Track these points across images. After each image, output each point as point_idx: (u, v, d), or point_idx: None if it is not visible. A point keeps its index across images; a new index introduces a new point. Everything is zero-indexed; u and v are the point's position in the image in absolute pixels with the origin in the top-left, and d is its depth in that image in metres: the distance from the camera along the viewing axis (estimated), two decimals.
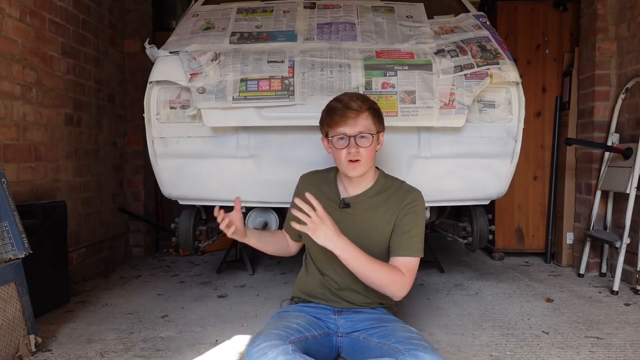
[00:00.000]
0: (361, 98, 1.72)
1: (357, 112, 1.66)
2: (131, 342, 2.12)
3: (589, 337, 2.18)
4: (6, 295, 1.92)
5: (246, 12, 2.54)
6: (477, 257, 3.91)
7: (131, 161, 3.96)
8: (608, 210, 3.25)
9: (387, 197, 1.76)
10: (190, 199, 2.43)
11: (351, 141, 1.66)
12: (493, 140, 2.29)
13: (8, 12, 2.52)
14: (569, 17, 3.70)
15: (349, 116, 1.65)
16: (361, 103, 1.68)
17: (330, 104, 1.73)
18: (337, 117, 1.67)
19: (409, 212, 1.72)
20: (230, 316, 2.48)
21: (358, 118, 1.66)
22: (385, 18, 2.50)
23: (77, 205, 3.20)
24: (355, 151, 1.66)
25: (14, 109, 2.58)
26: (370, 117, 1.69)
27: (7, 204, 2.03)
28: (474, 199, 2.43)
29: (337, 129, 1.68)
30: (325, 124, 1.73)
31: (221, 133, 2.27)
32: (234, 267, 3.49)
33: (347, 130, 1.66)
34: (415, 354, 1.43)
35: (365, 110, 1.68)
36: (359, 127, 1.66)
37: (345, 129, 1.67)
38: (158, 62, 2.28)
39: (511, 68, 2.23)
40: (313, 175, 1.89)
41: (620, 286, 2.86)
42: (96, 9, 3.46)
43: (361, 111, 1.67)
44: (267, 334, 1.50)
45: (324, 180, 1.84)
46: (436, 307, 2.61)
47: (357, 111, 1.66)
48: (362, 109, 1.67)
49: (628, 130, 3.14)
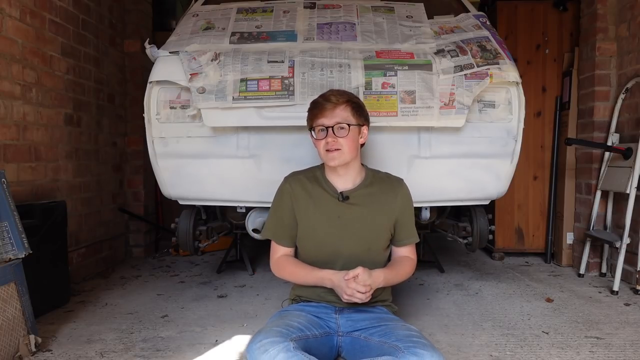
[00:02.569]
0: (341, 92, 1.82)
1: (334, 104, 1.75)
2: (131, 342, 2.12)
3: (589, 337, 2.18)
4: (6, 295, 1.92)
5: (246, 12, 2.54)
6: (477, 257, 3.91)
7: (131, 161, 3.96)
8: (608, 210, 3.25)
9: (379, 187, 1.84)
10: (190, 199, 2.43)
11: (329, 131, 1.73)
12: (493, 140, 2.29)
13: (8, 12, 2.52)
14: (569, 17, 3.70)
15: (326, 108, 1.74)
16: (339, 96, 1.77)
17: (313, 100, 1.82)
18: (316, 110, 1.76)
19: (405, 205, 1.86)
20: (230, 316, 2.48)
21: (335, 109, 1.74)
22: (385, 18, 2.50)
23: (77, 205, 3.20)
24: (332, 140, 1.73)
25: (14, 109, 2.58)
26: (348, 108, 1.76)
27: (7, 204, 2.03)
28: (474, 199, 2.43)
29: (317, 120, 1.76)
30: (308, 119, 1.82)
31: (221, 133, 2.27)
32: (234, 267, 3.49)
33: (325, 121, 1.74)
34: (415, 352, 1.43)
35: (342, 102, 1.76)
36: (336, 118, 1.74)
37: (323, 120, 1.75)
38: (158, 62, 2.28)
39: (511, 68, 2.23)
40: (298, 175, 1.89)
41: (620, 286, 2.86)
42: (96, 8, 3.46)
43: (338, 103, 1.75)
44: (268, 331, 1.51)
45: (311, 180, 1.85)
46: (436, 307, 2.61)
47: (335, 103, 1.75)
48: (339, 101, 1.75)
49: (628, 130, 3.14)
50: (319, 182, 1.84)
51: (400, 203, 1.83)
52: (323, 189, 1.82)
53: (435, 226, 2.94)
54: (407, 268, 1.85)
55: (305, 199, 1.81)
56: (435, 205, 2.55)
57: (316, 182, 1.84)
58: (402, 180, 1.90)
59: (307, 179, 1.85)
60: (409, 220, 1.87)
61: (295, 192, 1.83)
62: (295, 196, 1.82)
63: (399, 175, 1.92)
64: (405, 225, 1.86)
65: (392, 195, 1.83)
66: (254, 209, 2.52)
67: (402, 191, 1.86)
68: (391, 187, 1.85)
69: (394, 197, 1.83)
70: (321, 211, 1.80)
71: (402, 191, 1.86)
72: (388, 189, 1.84)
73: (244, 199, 2.40)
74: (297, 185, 1.84)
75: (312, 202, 1.81)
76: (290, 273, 1.84)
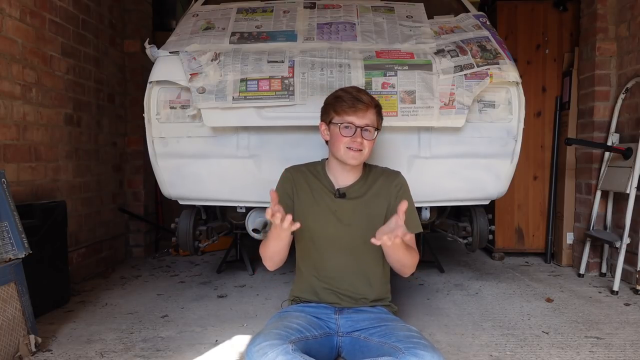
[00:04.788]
0: (368, 94, 1.80)
1: (366, 106, 1.73)
2: (131, 342, 2.12)
3: (589, 337, 2.18)
4: (6, 295, 1.92)
5: (246, 12, 2.54)
6: (477, 257, 3.91)
7: (131, 161, 3.96)
8: (608, 210, 3.25)
9: (374, 182, 1.84)
10: (190, 199, 2.43)
11: (357, 131, 1.72)
12: (493, 140, 2.29)
13: (8, 12, 2.52)
14: (569, 17, 3.70)
15: (359, 107, 1.72)
16: (370, 98, 1.77)
17: (337, 92, 1.80)
18: (346, 105, 1.72)
19: (400, 195, 1.82)
20: (230, 316, 2.48)
21: (367, 111, 1.74)
22: (385, 18, 2.50)
23: (77, 205, 3.20)
24: (360, 141, 1.71)
25: (14, 109, 2.58)
26: (375, 113, 1.77)
27: (7, 204, 2.03)
28: (474, 199, 2.43)
29: (346, 117, 1.73)
30: (332, 110, 1.77)
31: (221, 133, 2.27)
32: (234, 267, 3.48)
33: (355, 120, 1.72)
34: (415, 353, 1.43)
35: (373, 106, 1.77)
36: (366, 120, 1.73)
37: (353, 119, 1.72)
38: (158, 62, 2.28)
39: (511, 68, 2.23)
40: (300, 167, 1.89)
41: (620, 286, 2.86)
42: (96, 8, 3.46)
43: (370, 105, 1.75)
44: (267, 334, 1.50)
45: (312, 174, 1.86)
46: (436, 307, 2.61)
47: (367, 104, 1.74)
48: (371, 103, 1.75)
49: (628, 130, 3.14)
50: (319, 176, 1.84)
51: (395, 192, 1.82)
52: (321, 184, 1.82)
53: (435, 226, 2.94)
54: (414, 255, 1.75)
55: (305, 189, 1.82)
56: (435, 205, 2.55)
57: (316, 176, 1.85)
58: (399, 172, 1.90)
59: (308, 171, 1.87)
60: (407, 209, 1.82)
61: (296, 180, 1.84)
62: (296, 184, 1.83)
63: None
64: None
65: (386, 186, 1.83)
66: (254, 209, 2.52)
67: (397, 180, 1.85)
68: (387, 178, 1.86)
69: (388, 187, 1.83)
70: (318, 204, 1.80)
71: (397, 180, 1.85)
72: (384, 180, 1.85)
73: (244, 199, 2.40)
74: (299, 174, 1.85)
75: (311, 193, 1.81)
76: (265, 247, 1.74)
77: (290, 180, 1.84)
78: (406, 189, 1.86)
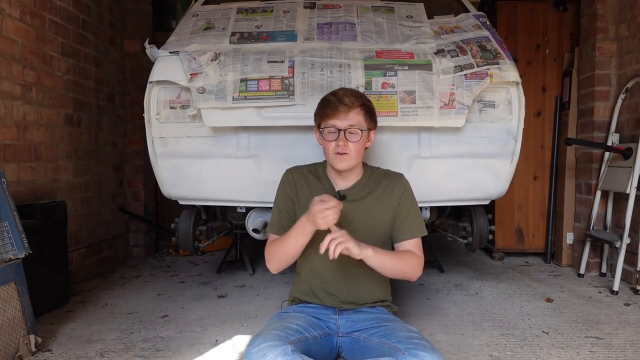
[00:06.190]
0: (355, 94, 1.76)
1: (348, 107, 1.70)
2: (131, 342, 2.12)
3: (589, 337, 2.18)
4: (6, 295, 1.92)
5: (246, 12, 2.54)
6: (477, 257, 3.91)
7: (131, 161, 3.96)
8: (608, 210, 3.25)
9: (376, 185, 1.82)
10: (190, 199, 2.43)
11: (340, 134, 1.70)
12: (493, 140, 2.29)
13: (8, 12, 2.52)
14: (569, 17, 3.70)
15: (340, 110, 1.70)
16: (354, 99, 1.72)
17: (325, 96, 1.78)
18: (329, 109, 1.71)
19: (403, 199, 1.80)
20: (230, 316, 2.48)
21: (349, 112, 1.70)
22: (385, 18, 2.50)
23: (77, 205, 3.20)
24: (343, 144, 1.69)
25: (14, 109, 2.58)
26: (362, 113, 1.73)
27: (7, 204, 2.03)
28: (474, 199, 2.43)
29: (329, 121, 1.72)
30: (318, 116, 1.78)
31: (221, 133, 2.27)
32: (234, 267, 3.49)
33: (337, 123, 1.70)
34: (415, 353, 1.43)
35: (357, 106, 1.72)
36: (349, 121, 1.70)
37: (335, 122, 1.71)
38: (158, 62, 2.28)
39: (511, 68, 2.23)
40: (300, 169, 1.89)
41: (620, 286, 2.86)
42: (96, 8, 3.46)
43: (353, 106, 1.71)
44: (266, 335, 1.50)
45: (312, 175, 1.85)
46: (436, 307, 2.61)
47: (349, 106, 1.70)
48: (354, 104, 1.71)
49: (628, 130, 3.14)
50: (319, 178, 1.84)
51: (398, 196, 1.79)
52: (322, 185, 1.82)
53: (435, 226, 2.94)
54: (409, 260, 1.73)
55: (305, 190, 1.82)
56: (435, 205, 2.55)
57: (317, 177, 1.84)
58: (401, 175, 1.87)
59: (309, 172, 1.86)
60: (409, 213, 1.79)
61: (296, 182, 1.83)
62: (296, 186, 1.83)
63: None
64: (405, 219, 1.79)
65: (389, 190, 1.81)
66: (254, 209, 2.52)
67: (400, 184, 1.82)
68: (390, 181, 1.83)
69: (391, 191, 1.80)
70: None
71: (400, 184, 1.82)
72: (386, 184, 1.82)
73: (244, 199, 2.40)
74: (299, 176, 1.85)
75: (311, 195, 1.79)
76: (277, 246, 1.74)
77: (290, 182, 1.84)
78: (409, 192, 1.83)
